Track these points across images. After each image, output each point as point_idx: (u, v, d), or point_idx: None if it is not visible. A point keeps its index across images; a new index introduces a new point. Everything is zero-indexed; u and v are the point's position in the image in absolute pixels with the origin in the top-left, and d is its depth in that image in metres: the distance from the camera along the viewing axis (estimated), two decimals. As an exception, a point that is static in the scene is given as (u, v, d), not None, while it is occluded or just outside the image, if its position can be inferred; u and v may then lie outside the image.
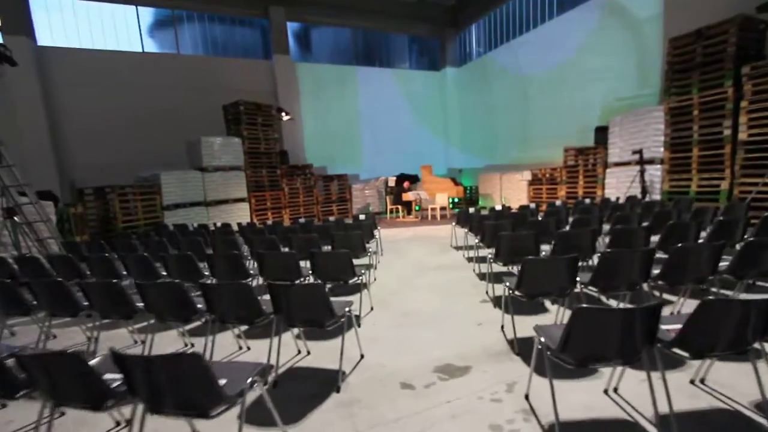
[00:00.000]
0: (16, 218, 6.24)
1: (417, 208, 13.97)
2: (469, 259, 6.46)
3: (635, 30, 10.52)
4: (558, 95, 13.06)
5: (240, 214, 12.15)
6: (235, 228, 7.99)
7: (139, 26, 13.70)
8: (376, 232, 7.15)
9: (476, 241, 5.89)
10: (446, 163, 18.64)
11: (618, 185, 9.86)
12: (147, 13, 13.80)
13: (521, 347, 3.16)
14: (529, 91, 14.27)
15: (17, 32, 11.38)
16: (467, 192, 15.33)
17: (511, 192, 13.66)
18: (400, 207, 12.95)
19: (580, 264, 3.48)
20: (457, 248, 7.42)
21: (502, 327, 3.57)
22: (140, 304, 3.11)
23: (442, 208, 12.49)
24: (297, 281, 4.03)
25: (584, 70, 12.06)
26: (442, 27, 18.05)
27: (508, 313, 3.44)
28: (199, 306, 3.01)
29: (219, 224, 8.00)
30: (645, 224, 4.93)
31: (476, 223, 6.31)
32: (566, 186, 11.45)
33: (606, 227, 5.51)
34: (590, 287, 3.22)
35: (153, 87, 13.26)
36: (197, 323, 3.81)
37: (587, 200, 9.11)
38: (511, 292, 3.21)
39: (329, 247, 5.34)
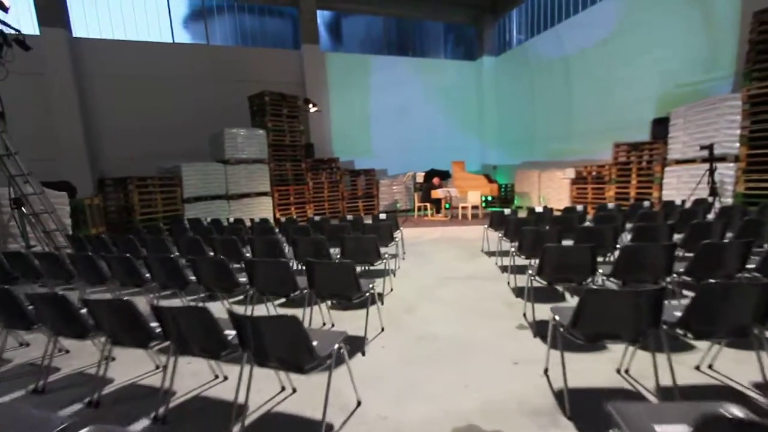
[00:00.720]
0: (23, 209, 6.01)
1: (447, 206, 13.11)
2: (503, 269, 5.61)
3: (704, 3, 9.11)
4: (608, 84, 11.75)
5: (262, 209, 11.78)
6: (249, 223, 7.52)
7: (170, 16, 13.58)
8: (397, 234, 6.45)
9: (513, 249, 5.06)
10: (480, 159, 17.58)
11: (679, 186, 8.60)
12: (178, 3, 13.67)
13: (575, 405, 2.29)
14: (574, 81, 13.00)
15: (54, 23, 11.49)
16: (502, 190, 14.27)
17: (551, 191, 12.51)
18: (428, 205, 12.16)
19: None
20: (489, 254, 6.57)
21: (546, 371, 2.74)
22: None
23: (474, 207, 11.58)
24: (292, 294, 3.41)
25: (639, 53, 10.71)
26: (479, 13, 16.93)
27: (556, 348, 2.54)
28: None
29: (232, 219, 7.57)
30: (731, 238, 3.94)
31: (513, 227, 5.46)
32: (616, 186, 10.23)
33: (677, 237, 4.51)
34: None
35: (182, 78, 13.10)
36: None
37: (645, 202, 7.96)
38: (561, 330, 2.39)
39: (339, 252, 4.69)
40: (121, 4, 12.91)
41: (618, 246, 4.44)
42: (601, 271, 3.48)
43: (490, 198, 13.79)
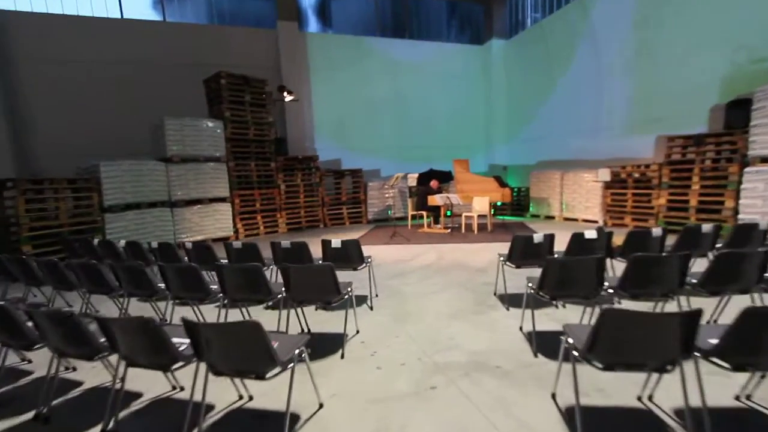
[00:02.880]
0: None
1: (448, 213, 10.77)
2: (530, 337, 3.26)
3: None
4: (649, 63, 9.34)
5: (219, 218, 9.51)
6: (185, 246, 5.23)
7: (119, -12, 11.40)
8: (362, 270, 4.15)
9: (553, 306, 2.73)
10: (487, 159, 15.21)
11: (767, 193, 6.20)
12: (129, -27, 11.49)
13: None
14: (605, 62, 10.59)
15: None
16: (514, 195, 11.88)
17: (577, 197, 10.11)
18: (425, 213, 9.83)
19: None
20: (507, 301, 4.21)
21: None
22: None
23: (481, 216, 9.22)
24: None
25: (693, 22, 8.31)
26: (488, -11, 14.58)
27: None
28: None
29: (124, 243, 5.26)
30: None
31: (556, 273, 3.05)
32: (668, 192, 7.82)
33: None
34: None
35: (130, 61, 10.90)
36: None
37: (759, 220, 5.53)
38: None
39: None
40: (55, -29, 10.75)
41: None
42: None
43: (499, 203, 11.43)
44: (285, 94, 11.49)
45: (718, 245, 3.98)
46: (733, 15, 7.68)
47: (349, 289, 3.30)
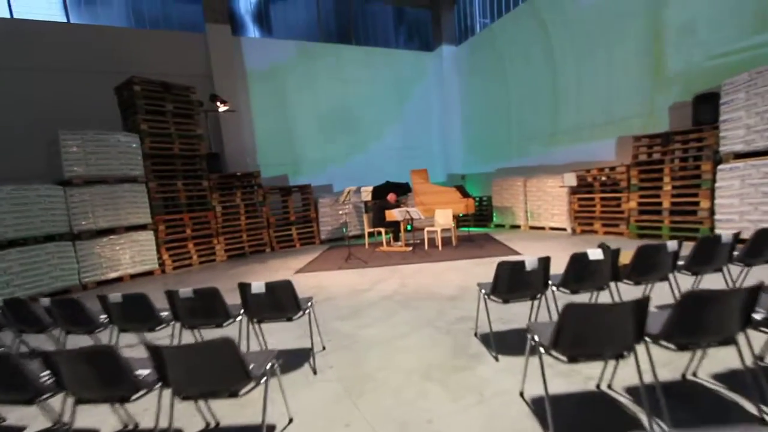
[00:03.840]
0: None
1: (408, 228, 9.86)
2: (541, 409, 2.30)
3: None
4: (607, 63, 9.06)
5: (139, 249, 7.95)
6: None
7: (12, -15, 9.63)
8: (302, 318, 3.03)
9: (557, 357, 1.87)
10: (445, 168, 14.58)
11: (744, 191, 5.79)
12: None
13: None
14: (559, 64, 10.27)
15: None
16: (476, 204, 11.21)
17: (541, 204, 9.56)
18: (383, 230, 8.83)
19: None
20: (495, 346, 3.23)
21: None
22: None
23: (445, 230, 8.36)
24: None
25: (645, 16, 8.09)
26: (434, -6, 14.15)
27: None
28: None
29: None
30: None
31: (573, 325, 2.09)
32: (639, 194, 7.35)
33: None
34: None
35: (23, 68, 9.13)
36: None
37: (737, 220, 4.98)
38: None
39: None
40: None
41: None
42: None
43: (461, 215, 10.68)
44: (218, 103, 10.17)
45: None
46: (687, 11, 7.48)
47: (271, 365, 2.17)
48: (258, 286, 2.84)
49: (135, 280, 7.84)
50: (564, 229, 9.04)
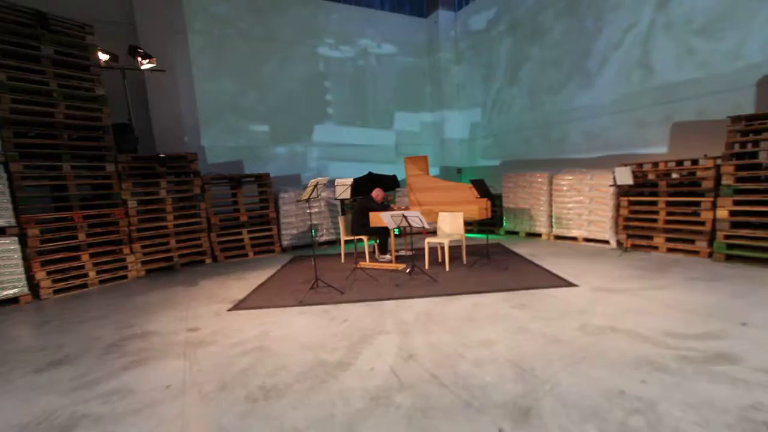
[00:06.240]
0: None
1: (396, 232, 7.47)
2: None
3: None
4: (666, 26, 6.87)
5: (-13, 267, 5.14)
6: None
7: None
8: None
9: None
10: (438, 159, 12.19)
11: None
12: None
13: None
14: (606, 21, 8.04)
15: None
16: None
17: (573, 207, 7.30)
18: (364, 237, 6.36)
19: None
20: None
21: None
22: None
23: (454, 240, 5.92)
24: None
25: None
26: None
27: None
28: None
29: None
30: None
31: None
32: (733, 199, 5.14)
33: None
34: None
35: None
36: None
37: None
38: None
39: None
40: None
41: None
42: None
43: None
44: (139, 59, 7.35)
45: None
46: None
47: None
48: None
49: (-19, 314, 5.03)
50: (606, 242, 6.83)
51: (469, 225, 8.92)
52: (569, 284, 4.64)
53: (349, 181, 5.84)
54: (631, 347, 2.92)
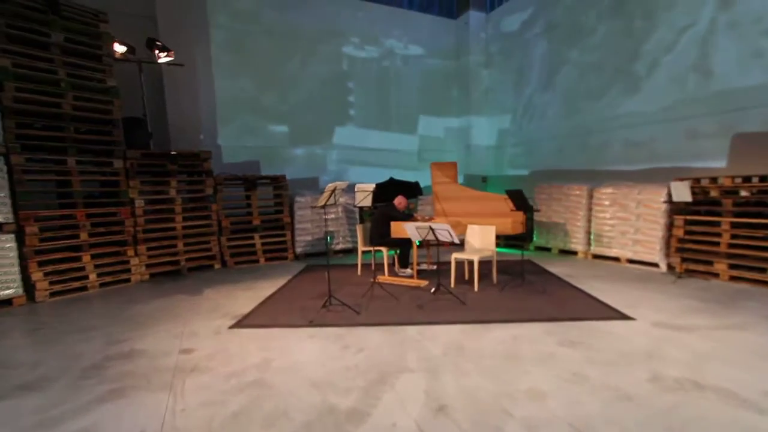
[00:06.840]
0: None
1: (418, 242, 6.86)
2: None
3: None
4: (730, 26, 6.14)
5: (-21, 266, 4.79)
6: None
7: None
8: None
9: None
10: (465, 166, 11.53)
11: None
12: None
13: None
14: (654, 20, 7.34)
15: None
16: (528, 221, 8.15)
17: (617, 224, 6.58)
18: (383, 248, 5.80)
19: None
20: None
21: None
22: None
23: (485, 258, 5.28)
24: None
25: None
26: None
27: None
28: None
29: None
30: None
31: None
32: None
33: None
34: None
35: None
36: None
37: None
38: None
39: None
40: None
41: None
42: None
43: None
44: (157, 51, 7.03)
45: None
46: None
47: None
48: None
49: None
50: (654, 265, 6.08)
51: (497, 239, 8.25)
52: (623, 316, 3.96)
53: (371, 186, 5.30)
54: (727, 413, 2.26)
